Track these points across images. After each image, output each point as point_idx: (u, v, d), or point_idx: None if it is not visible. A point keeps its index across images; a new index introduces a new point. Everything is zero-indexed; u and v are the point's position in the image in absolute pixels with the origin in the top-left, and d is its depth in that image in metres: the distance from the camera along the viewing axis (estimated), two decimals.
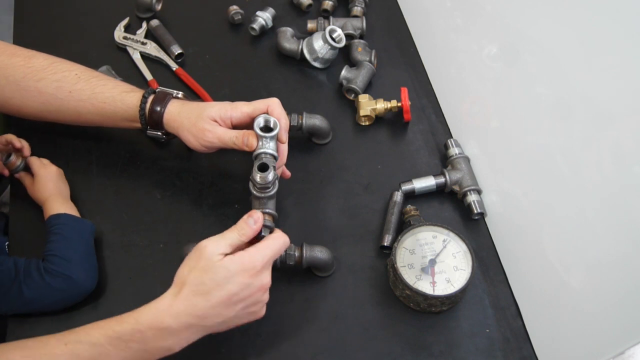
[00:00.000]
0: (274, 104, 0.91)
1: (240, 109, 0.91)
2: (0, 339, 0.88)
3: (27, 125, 1.04)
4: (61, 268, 0.85)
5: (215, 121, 0.90)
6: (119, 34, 1.21)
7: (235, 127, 0.92)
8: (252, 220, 0.80)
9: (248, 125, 0.91)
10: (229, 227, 0.98)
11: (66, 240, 0.88)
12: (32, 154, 0.99)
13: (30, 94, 0.94)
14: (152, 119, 0.93)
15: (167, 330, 0.72)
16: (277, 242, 0.79)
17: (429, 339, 0.90)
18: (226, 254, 0.75)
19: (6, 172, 0.98)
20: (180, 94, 0.97)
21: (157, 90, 0.95)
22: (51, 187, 0.95)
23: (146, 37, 1.22)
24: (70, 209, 0.93)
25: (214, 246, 0.75)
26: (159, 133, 0.96)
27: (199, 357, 0.87)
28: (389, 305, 0.92)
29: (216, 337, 0.88)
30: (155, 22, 1.22)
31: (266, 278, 0.77)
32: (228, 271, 0.73)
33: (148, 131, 0.96)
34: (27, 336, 0.86)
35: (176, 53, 1.18)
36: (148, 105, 0.93)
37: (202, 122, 0.89)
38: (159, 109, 0.92)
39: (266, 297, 0.79)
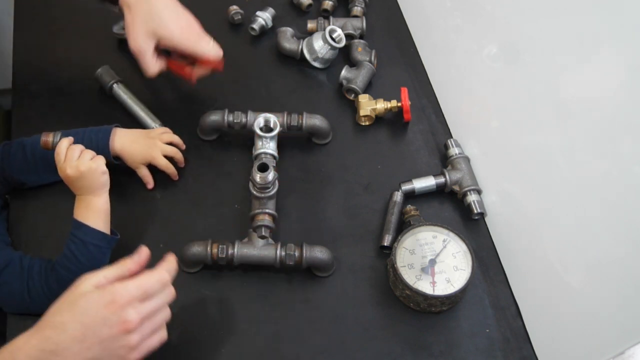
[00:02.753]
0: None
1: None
2: (1, 338, 0.88)
3: (27, 126, 1.05)
4: (62, 287, 0.83)
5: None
6: (118, 27, 1.20)
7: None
8: (137, 255, 0.72)
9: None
10: (229, 227, 0.99)
11: (77, 261, 0.84)
12: None
13: None
14: None
15: None
16: (149, 279, 0.69)
17: (429, 339, 0.90)
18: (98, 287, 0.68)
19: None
20: None
21: None
22: (76, 188, 0.88)
23: None
24: (96, 215, 0.87)
25: (89, 278, 0.68)
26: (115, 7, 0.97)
27: (199, 357, 0.87)
28: (389, 305, 0.92)
29: (216, 336, 0.88)
30: None
31: (130, 316, 0.66)
32: (87, 302, 0.66)
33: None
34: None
35: None
36: None
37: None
38: None
39: (133, 339, 0.66)
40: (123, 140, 0.97)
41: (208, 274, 0.93)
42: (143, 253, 0.73)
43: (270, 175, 0.90)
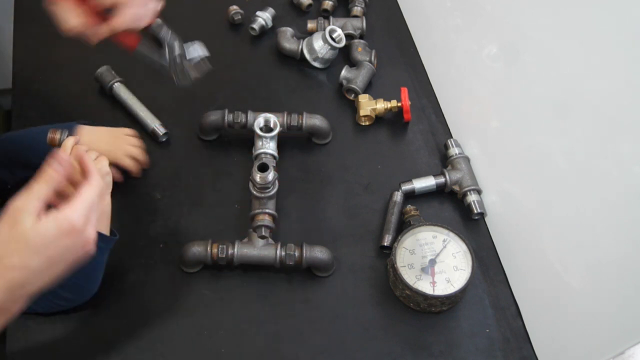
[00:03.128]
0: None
1: None
2: (1, 338, 0.88)
3: (27, 126, 1.04)
4: (63, 289, 0.82)
5: None
6: None
7: None
8: (56, 163, 0.68)
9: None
10: (229, 227, 0.98)
11: None
12: None
13: None
14: None
15: None
16: (90, 191, 0.69)
17: (429, 339, 0.90)
18: (40, 214, 0.65)
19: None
20: None
21: None
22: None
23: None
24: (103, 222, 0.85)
25: (24, 207, 0.65)
26: None
27: (199, 358, 0.87)
28: (389, 305, 0.92)
29: (216, 336, 0.88)
30: (157, 22, 1.21)
31: (90, 234, 0.68)
32: (45, 238, 0.65)
33: None
34: (27, 335, 0.86)
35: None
36: None
37: None
38: None
39: (91, 244, 0.69)
40: (87, 139, 0.96)
41: (208, 274, 0.93)
42: (59, 158, 0.69)
43: (270, 175, 0.90)
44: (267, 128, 0.99)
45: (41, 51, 1.19)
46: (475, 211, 0.99)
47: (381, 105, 1.09)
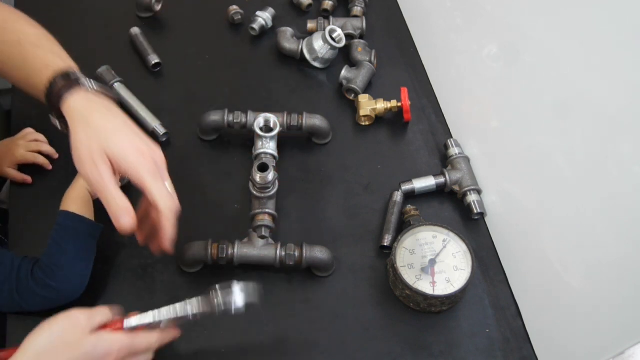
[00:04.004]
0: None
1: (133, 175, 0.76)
2: (1, 339, 0.88)
3: (27, 126, 1.04)
4: (47, 276, 0.83)
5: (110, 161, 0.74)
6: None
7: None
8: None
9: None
10: (229, 227, 0.98)
11: (58, 246, 0.85)
12: None
13: None
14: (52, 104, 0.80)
15: None
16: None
17: (429, 339, 0.90)
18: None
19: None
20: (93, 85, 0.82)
21: (70, 73, 0.81)
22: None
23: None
24: (70, 201, 0.89)
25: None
26: (58, 123, 0.82)
27: (199, 358, 0.87)
28: (389, 305, 0.92)
29: (216, 336, 0.88)
30: (135, 30, 1.20)
31: None
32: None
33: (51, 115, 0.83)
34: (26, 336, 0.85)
35: (153, 63, 1.15)
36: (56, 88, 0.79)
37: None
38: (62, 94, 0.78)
39: None
40: None
41: (208, 274, 0.93)
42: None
43: (270, 175, 0.90)
44: (267, 128, 0.99)
45: None
46: (475, 211, 0.99)
47: (381, 105, 1.09)
